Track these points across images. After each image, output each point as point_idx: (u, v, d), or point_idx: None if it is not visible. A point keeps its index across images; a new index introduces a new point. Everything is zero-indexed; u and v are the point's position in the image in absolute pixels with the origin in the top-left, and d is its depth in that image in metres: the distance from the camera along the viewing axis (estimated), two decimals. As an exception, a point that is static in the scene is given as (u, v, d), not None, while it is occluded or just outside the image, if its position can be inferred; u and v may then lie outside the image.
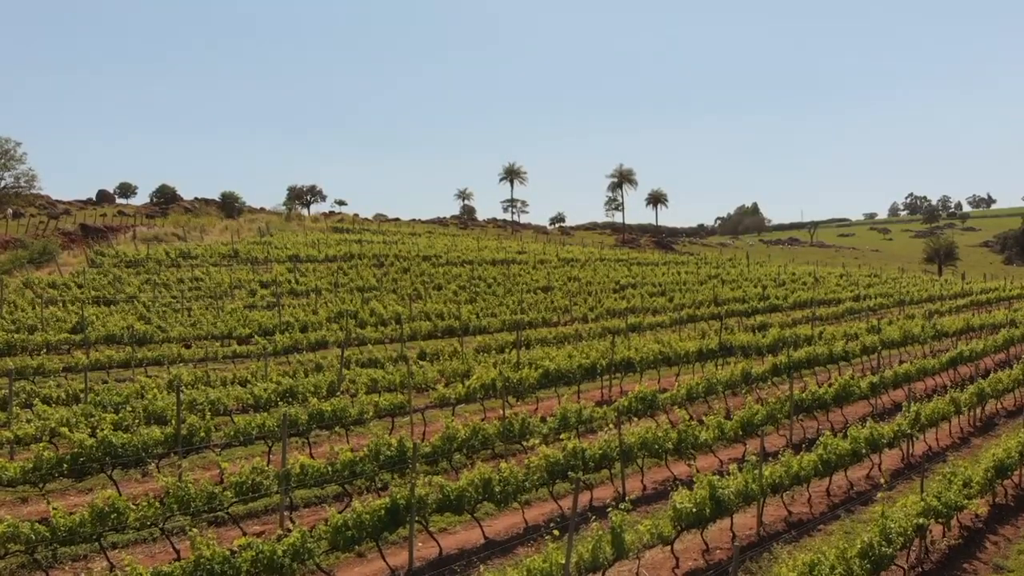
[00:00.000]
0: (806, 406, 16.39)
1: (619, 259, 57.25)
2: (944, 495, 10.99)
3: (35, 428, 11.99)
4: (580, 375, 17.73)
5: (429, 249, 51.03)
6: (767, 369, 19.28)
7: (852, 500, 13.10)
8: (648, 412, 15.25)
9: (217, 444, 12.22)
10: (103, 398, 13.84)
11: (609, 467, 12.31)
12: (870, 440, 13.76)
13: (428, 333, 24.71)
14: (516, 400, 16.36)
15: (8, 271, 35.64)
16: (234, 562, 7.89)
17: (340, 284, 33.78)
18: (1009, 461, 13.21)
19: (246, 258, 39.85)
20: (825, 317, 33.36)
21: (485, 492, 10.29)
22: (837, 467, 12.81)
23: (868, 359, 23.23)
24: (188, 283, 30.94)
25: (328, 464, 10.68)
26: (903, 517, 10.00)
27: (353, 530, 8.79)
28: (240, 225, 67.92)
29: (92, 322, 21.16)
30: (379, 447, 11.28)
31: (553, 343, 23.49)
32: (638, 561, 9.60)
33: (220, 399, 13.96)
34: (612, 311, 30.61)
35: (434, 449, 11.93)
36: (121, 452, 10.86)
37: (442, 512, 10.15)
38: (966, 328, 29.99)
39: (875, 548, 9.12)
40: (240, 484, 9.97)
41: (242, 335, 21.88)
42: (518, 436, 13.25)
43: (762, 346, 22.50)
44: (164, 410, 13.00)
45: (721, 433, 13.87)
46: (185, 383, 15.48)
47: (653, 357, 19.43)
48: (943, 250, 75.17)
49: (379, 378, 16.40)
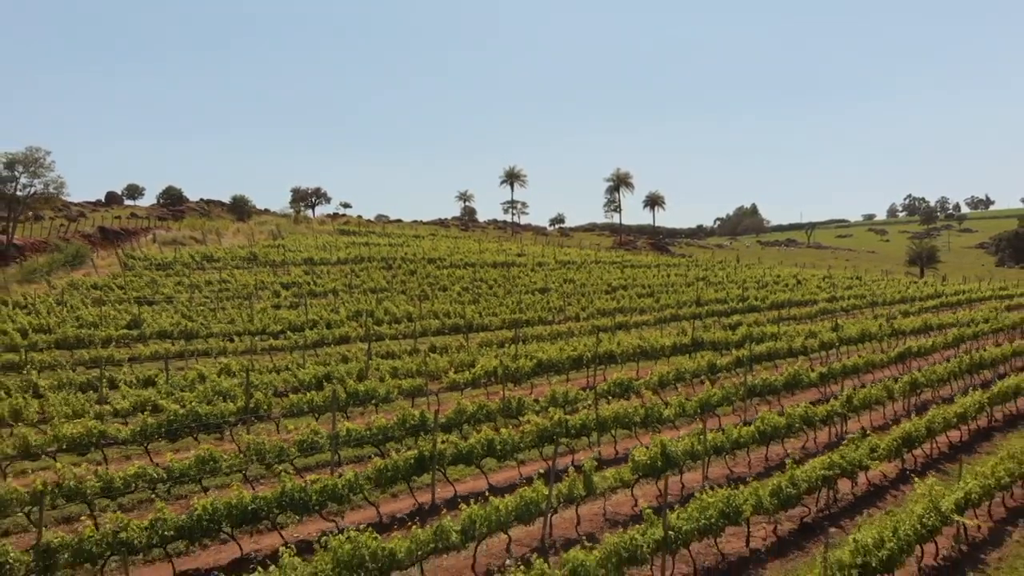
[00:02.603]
0: (759, 391, 19.42)
1: (613, 262, 60.22)
2: (849, 455, 14.00)
3: (129, 403, 15.01)
4: (568, 365, 20.77)
5: (433, 252, 54.06)
6: (731, 361, 22.33)
7: (786, 465, 16.10)
8: (624, 395, 18.27)
9: (276, 416, 15.26)
10: (174, 381, 16.87)
11: (588, 435, 15.33)
12: (804, 417, 16.77)
13: (437, 330, 27.71)
14: (514, 385, 19.38)
15: (47, 273, 38.67)
16: (308, 491, 10.93)
17: (354, 286, 36.79)
18: (916, 434, 16.22)
19: (264, 261, 42.84)
20: (799, 317, 36.34)
21: (489, 449, 13.32)
22: (773, 438, 15.83)
23: (826, 354, 26.23)
24: (216, 285, 33.93)
25: (366, 428, 13.73)
26: (811, 469, 13.03)
27: (391, 471, 11.83)
28: (251, 228, 71.00)
29: (145, 320, 24.19)
30: (405, 417, 14.32)
31: (547, 339, 26.48)
32: (604, 500, 12.64)
33: (271, 382, 16.98)
34: (602, 311, 33.60)
35: (448, 420, 14.94)
36: (205, 420, 13.89)
37: (456, 464, 13.15)
38: (924, 327, 33.00)
39: (783, 490, 12.14)
40: (301, 442, 13.01)
41: (274, 331, 24.91)
42: (515, 412, 16.26)
43: (731, 342, 25.52)
44: (228, 389, 16.02)
45: (682, 411, 16.88)
46: (236, 371, 18.52)
47: (632, 351, 22.47)
48: (925, 253, 78.32)
49: (399, 367, 19.42)
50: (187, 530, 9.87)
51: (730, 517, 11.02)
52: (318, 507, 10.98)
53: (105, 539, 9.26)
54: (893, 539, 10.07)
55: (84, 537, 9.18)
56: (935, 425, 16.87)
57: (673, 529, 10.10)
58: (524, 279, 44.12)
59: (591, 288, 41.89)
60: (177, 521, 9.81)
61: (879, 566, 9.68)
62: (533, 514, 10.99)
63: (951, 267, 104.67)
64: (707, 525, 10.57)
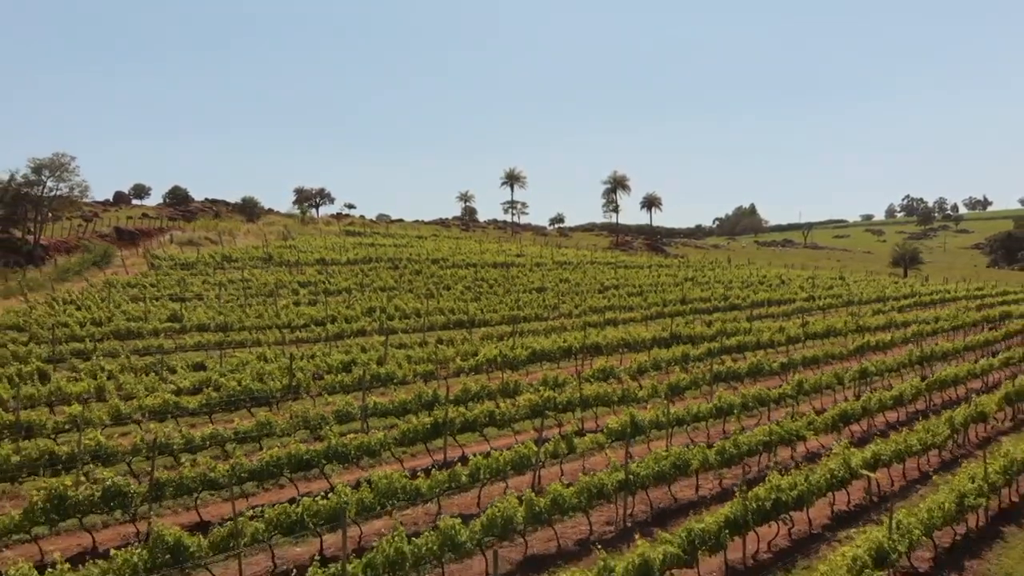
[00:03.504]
0: (724, 377, 22.38)
1: (608, 262, 63.17)
2: (788, 426, 16.95)
3: (189, 382, 17.95)
4: (559, 354, 23.74)
5: (436, 252, 57.03)
6: (703, 352, 25.28)
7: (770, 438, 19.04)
8: (606, 379, 21.20)
9: (314, 393, 18.21)
10: (222, 366, 19.81)
11: (573, 411, 18.27)
12: (758, 397, 19.76)
13: (443, 325, 30.62)
14: (511, 371, 22.33)
15: (79, 272, 41.63)
16: (348, 446, 13.87)
17: (365, 285, 39.74)
18: (852, 412, 19.16)
19: (280, 261, 45.78)
20: (776, 315, 39.29)
21: (490, 419, 16.28)
22: (729, 414, 18.78)
23: (791, 347, 29.19)
24: (239, 283, 36.87)
25: (389, 402, 16.69)
26: (753, 435, 15.98)
27: (412, 433, 14.79)
28: (260, 228, 73.95)
29: (184, 314, 27.13)
30: (420, 394, 17.30)
31: (542, 333, 29.40)
32: (583, 459, 15.59)
33: (304, 367, 19.93)
34: (594, 308, 36.53)
35: (456, 398, 17.89)
36: (256, 395, 16.84)
37: (463, 432, 16.09)
38: (888, 324, 35.97)
39: (727, 450, 15.08)
40: (337, 412, 15.99)
41: (298, 325, 27.85)
42: (512, 392, 19.19)
43: (706, 336, 28.47)
44: (270, 373, 18.96)
45: (655, 392, 19.84)
46: (270, 357, 21.47)
47: (616, 343, 25.44)
48: (908, 255, 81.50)
49: (412, 355, 22.36)
50: (257, 473, 12.83)
51: (681, 469, 13.98)
52: (356, 459, 13.94)
53: (199, 477, 12.21)
54: (805, 484, 13.02)
55: (184, 475, 12.13)
56: (870, 406, 19.82)
57: (632, 474, 13.05)
58: (523, 279, 47.04)
59: (585, 287, 44.81)
60: (250, 466, 12.77)
61: (790, 502, 12.62)
62: (526, 466, 13.94)
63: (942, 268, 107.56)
64: (660, 473, 13.52)
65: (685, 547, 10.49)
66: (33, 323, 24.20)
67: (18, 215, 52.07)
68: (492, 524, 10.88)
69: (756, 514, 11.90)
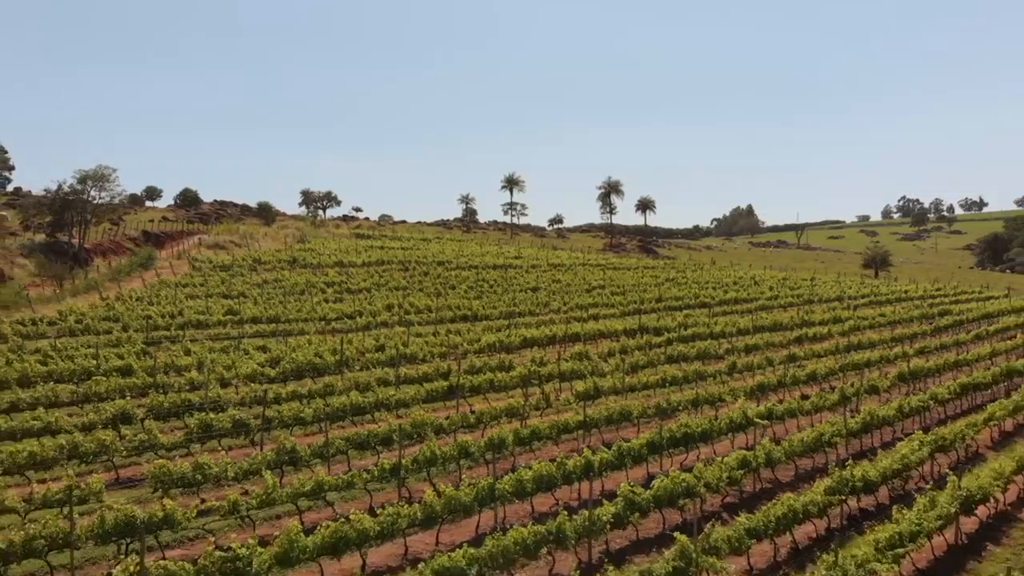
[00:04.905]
0: (675, 359, 28.16)
1: (598, 264, 69.03)
2: (710, 391, 22.73)
3: (264, 358, 23.72)
4: (545, 341, 29.61)
5: (441, 255, 62.89)
6: (664, 340, 31.09)
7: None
8: (581, 360, 26.99)
9: (358, 367, 24.05)
10: (281, 350, 25.61)
11: (552, 381, 24.06)
12: (697, 372, 25.55)
13: (451, 319, 36.40)
14: (507, 353, 28.15)
15: (128, 272, 47.43)
16: (389, 400, 19.65)
17: (381, 284, 45.58)
18: (768, 383, 24.92)
19: (303, 264, 51.60)
20: (740, 312, 45.07)
21: (490, 385, 22.11)
22: (672, 385, 24.54)
23: (742, 338, 34.94)
24: (273, 283, 42.67)
25: (415, 372, 22.53)
26: (682, 397, 21.76)
27: (434, 393, 20.63)
28: (276, 232, 79.82)
29: (240, 309, 32.95)
30: (438, 368, 23.11)
31: (533, 325, 35.21)
32: (558, 413, 21.38)
33: (348, 348, 25.75)
34: (580, 305, 42.34)
35: (465, 371, 23.67)
36: (317, 367, 22.67)
37: (471, 395, 21.87)
38: (833, 319, 41.77)
39: (660, 406, 20.87)
40: (378, 379, 21.82)
41: (332, 317, 33.66)
42: (507, 368, 24.99)
43: (670, 328, 34.29)
44: (321, 353, 24.74)
45: (617, 369, 25.63)
46: (315, 342, 27.27)
47: (593, 333, 31.27)
48: (878, 257, 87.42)
49: (428, 342, 28.16)
50: (330, 415, 18.62)
51: (625, 416, 19.80)
52: (395, 408, 19.78)
53: (292, 416, 18.01)
54: (707, 423, 18.82)
55: (283, 415, 17.92)
56: (785, 380, 25.63)
57: (589, 418, 18.85)
58: (519, 279, 52.84)
59: (575, 288, 50.62)
60: (339, 404, 18.57)
61: (697, 435, 18.41)
62: (516, 415, 19.74)
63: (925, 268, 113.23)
64: (609, 417, 19.34)
65: (617, 457, 16.28)
66: (124, 315, 30.02)
67: (64, 221, 58.00)
68: (491, 443, 16.67)
69: (669, 441, 17.71)
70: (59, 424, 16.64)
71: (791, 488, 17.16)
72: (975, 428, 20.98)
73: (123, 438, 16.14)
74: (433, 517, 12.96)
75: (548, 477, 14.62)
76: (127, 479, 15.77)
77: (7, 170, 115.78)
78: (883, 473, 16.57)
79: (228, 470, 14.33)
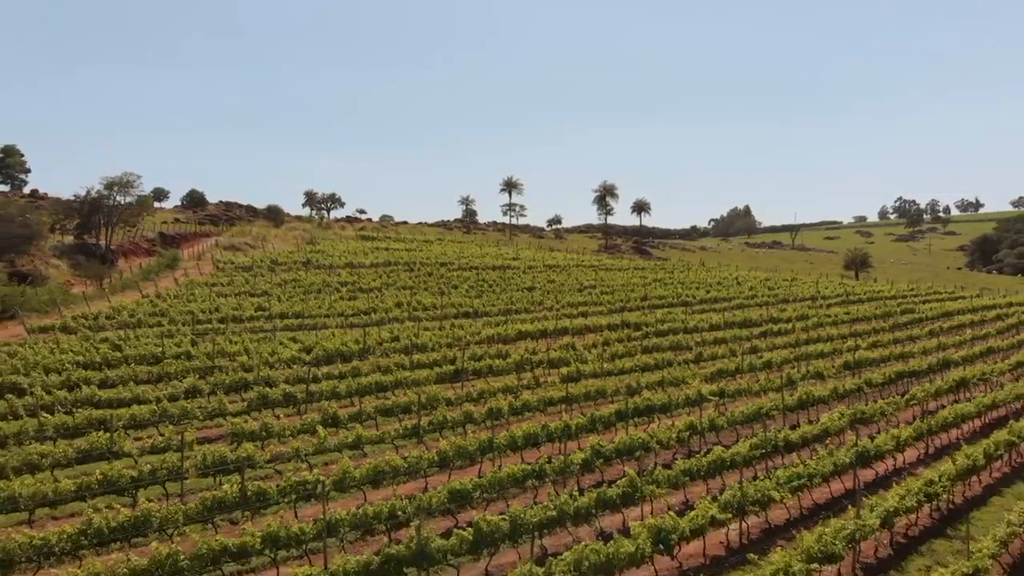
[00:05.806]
0: (650, 350, 32.42)
1: (591, 265, 73.29)
2: (676, 374, 26.97)
3: (297, 347, 27.97)
4: (538, 334, 33.91)
5: (443, 256, 67.15)
6: (642, 333, 35.37)
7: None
8: (567, 349, 31.26)
9: (378, 354, 28.32)
10: (311, 340, 29.87)
11: (543, 367, 28.30)
12: (667, 360, 29.81)
13: (454, 315, 40.63)
14: (504, 344, 32.45)
15: (157, 272, 51.64)
16: (406, 379, 23.93)
17: (389, 284, 49.84)
18: (726, 369, 29.19)
19: (316, 265, 55.82)
20: (718, 309, 49.30)
21: (489, 370, 26.39)
22: (646, 370, 28.79)
23: (715, 333, 39.20)
24: (291, 283, 46.90)
25: (427, 359, 26.81)
26: (652, 378, 26.03)
27: (443, 375, 24.91)
28: (285, 233, 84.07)
29: (268, 305, 37.17)
30: (445, 356, 27.38)
31: (528, 321, 39.46)
32: (546, 391, 25.63)
33: (367, 339, 30.02)
34: (571, 304, 46.59)
35: (468, 357, 27.91)
36: (344, 355, 26.95)
37: (474, 378, 26.11)
38: (800, 316, 46.01)
39: (631, 386, 25.12)
40: (398, 363, 26.08)
41: (349, 313, 37.91)
42: (504, 356, 29.24)
43: (649, 323, 38.57)
44: (347, 342, 28.98)
45: (600, 356, 29.88)
46: (337, 334, 31.52)
47: (580, 327, 35.55)
48: (858, 259, 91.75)
49: (435, 335, 32.42)
50: (361, 390, 22.85)
51: (601, 394, 24.06)
52: (411, 386, 24.04)
53: (330, 390, 22.26)
54: (666, 398, 23.08)
55: (323, 390, 22.17)
56: (743, 367, 29.89)
57: (571, 396, 23.11)
58: (517, 280, 57.05)
59: (568, 287, 54.85)
60: (365, 382, 22.82)
61: (657, 407, 22.66)
62: (511, 392, 23.99)
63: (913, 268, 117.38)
64: (588, 395, 23.59)
65: (590, 422, 20.51)
66: (168, 310, 34.27)
67: (92, 223, 62.23)
68: (491, 412, 20.92)
69: (634, 411, 21.98)
70: (146, 396, 20.88)
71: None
72: (895, 406, 25.20)
73: (199, 407, 20.39)
74: (447, 460, 17.21)
75: (535, 435, 18.88)
76: (204, 437, 20.02)
77: (23, 172, 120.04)
78: (803, 436, 20.82)
79: (287, 428, 18.58)
